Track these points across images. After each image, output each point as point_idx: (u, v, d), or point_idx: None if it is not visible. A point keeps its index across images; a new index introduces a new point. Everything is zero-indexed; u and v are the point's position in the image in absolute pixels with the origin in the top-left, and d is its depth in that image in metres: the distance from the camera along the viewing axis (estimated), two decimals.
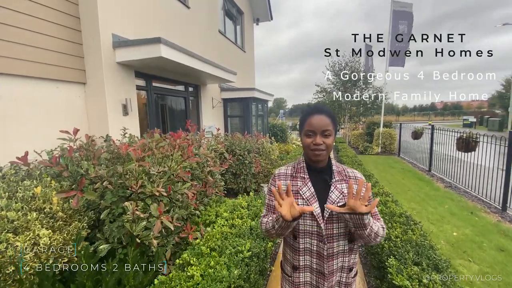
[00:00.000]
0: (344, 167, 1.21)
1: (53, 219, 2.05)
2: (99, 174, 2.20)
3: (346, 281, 1.17)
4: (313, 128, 1.09)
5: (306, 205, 1.09)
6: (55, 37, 3.08)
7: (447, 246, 3.38)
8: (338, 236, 1.10)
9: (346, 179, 1.15)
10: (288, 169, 1.22)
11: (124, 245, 2.07)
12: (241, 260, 1.81)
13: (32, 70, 2.86)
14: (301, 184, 1.14)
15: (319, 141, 1.07)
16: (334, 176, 1.15)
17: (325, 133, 1.08)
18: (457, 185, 6.05)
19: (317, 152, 1.09)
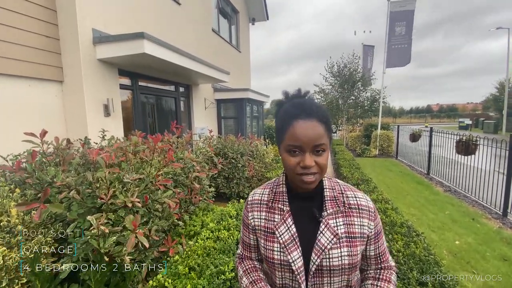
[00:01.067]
0: (342, 186, 0.85)
1: (10, 233, 1.81)
2: (66, 182, 1.95)
3: None
4: (299, 142, 0.72)
5: (280, 253, 0.79)
6: (28, 30, 2.84)
7: (450, 256, 3.18)
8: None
9: (344, 209, 0.80)
10: (264, 193, 0.89)
11: (92, 262, 1.82)
12: (223, 282, 1.58)
13: (3, 67, 2.61)
14: (278, 219, 0.82)
15: (309, 162, 0.71)
16: (326, 206, 0.80)
17: (317, 149, 0.73)
18: (457, 189, 5.88)
19: (307, 179, 0.73)
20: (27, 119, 2.84)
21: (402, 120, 53.11)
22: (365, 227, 0.80)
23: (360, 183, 4.41)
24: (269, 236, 0.82)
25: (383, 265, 0.86)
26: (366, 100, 13.69)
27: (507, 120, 21.96)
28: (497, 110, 27.69)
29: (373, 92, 13.63)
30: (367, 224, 0.80)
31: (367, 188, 4.13)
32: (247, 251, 0.94)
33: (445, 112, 70.54)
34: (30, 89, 2.85)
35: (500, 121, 22.38)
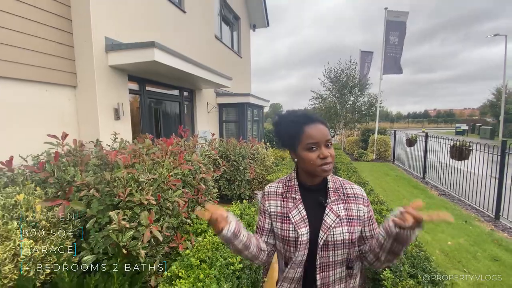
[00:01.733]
0: (341, 181, 1.08)
1: (35, 228, 1.96)
2: (86, 181, 2.11)
3: None
4: (316, 139, 0.93)
5: (294, 231, 0.98)
6: (45, 39, 3.01)
7: (442, 255, 3.34)
8: (334, 265, 0.99)
9: (344, 198, 1.02)
10: (279, 186, 1.10)
11: (110, 256, 1.98)
12: (232, 272, 1.74)
13: (20, 72, 2.79)
14: (292, 206, 1.02)
15: (327, 153, 0.94)
16: (330, 195, 1.01)
17: (327, 143, 0.96)
18: (451, 193, 6.06)
19: (326, 167, 0.94)
20: (43, 122, 3.00)
21: (400, 125, 53.49)
22: (361, 211, 1.02)
23: None
24: (284, 220, 1.02)
25: None
26: (364, 105, 13.94)
27: (504, 126, 22.33)
28: (494, 116, 28.07)
29: (370, 97, 13.89)
30: (362, 208, 1.02)
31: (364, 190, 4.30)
32: (259, 234, 1.12)
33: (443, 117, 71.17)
34: (47, 93, 3.02)
35: (496, 127, 22.72)
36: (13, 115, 2.76)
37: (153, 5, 4.36)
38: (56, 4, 3.11)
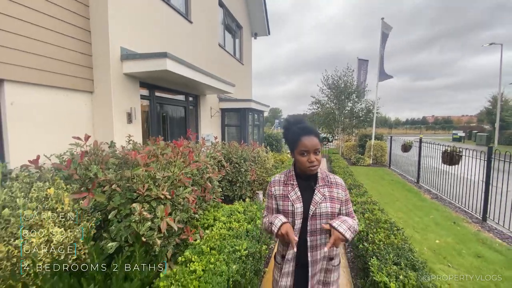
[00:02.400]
0: (327, 173, 1.48)
1: (64, 218, 2.21)
2: (108, 178, 2.38)
3: (327, 268, 1.44)
4: (307, 148, 1.31)
5: (292, 206, 1.37)
6: (67, 48, 3.30)
7: (429, 252, 3.60)
8: (320, 231, 1.36)
9: (328, 184, 1.42)
10: (282, 176, 1.48)
11: (130, 243, 2.23)
12: (239, 257, 2.00)
13: (44, 79, 3.06)
14: (290, 189, 1.41)
15: (313, 158, 1.32)
16: (318, 182, 1.40)
17: (316, 151, 1.32)
18: (443, 196, 6.34)
19: (313, 168, 1.33)
20: (62, 124, 3.27)
21: (398, 131, 53.92)
22: (340, 194, 1.42)
23: (352, 188, 4.86)
24: (285, 199, 1.41)
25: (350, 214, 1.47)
26: (361, 111, 14.28)
27: (500, 133, 22.71)
28: (491, 123, 28.50)
29: (367, 104, 14.23)
30: (341, 192, 1.43)
31: (358, 192, 4.57)
32: (270, 213, 1.49)
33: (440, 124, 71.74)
34: (67, 98, 3.30)
35: (493, 134, 23.09)
36: (37, 117, 3.02)
37: (162, 16, 4.67)
38: (78, 17, 3.41)
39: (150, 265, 2.18)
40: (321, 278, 1.45)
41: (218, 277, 1.73)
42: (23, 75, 2.86)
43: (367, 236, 2.75)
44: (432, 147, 7.30)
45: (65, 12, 3.26)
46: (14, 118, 2.81)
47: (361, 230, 2.92)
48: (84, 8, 3.50)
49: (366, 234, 2.80)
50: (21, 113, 2.87)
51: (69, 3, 3.29)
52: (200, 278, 1.74)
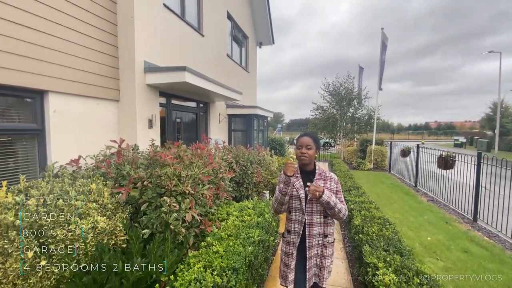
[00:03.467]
0: (324, 170, 1.96)
1: (105, 209, 2.63)
2: (141, 175, 2.80)
3: (323, 243, 1.89)
4: (301, 143, 1.87)
5: (296, 192, 1.87)
6: (99, 62, 3.75)
7: (420, 247, 3.96)
8: (315, 212, 1.85)
9: (324, 178, 1.91)
10: None
11: (160, 231, 2.64)
12: (252, 242, 2.40)
13: (80, 90, 3.51)
14: (295, 179, 1.88)
15: (304, 151, 1.85)
16: (316, 176, 1.91)
17: (308, 147, 1.84)
18: (438, 199, 6.68)
19: (302, 157, 1.86)
20: (93, 129, 3.71)
21: (400, 136, 54.06)
22: (333, 185, 1.90)
23: (351, 189, 5.24)
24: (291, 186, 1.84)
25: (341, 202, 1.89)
26: (363, 116, 14.67)
27: (500, 139, 22.95)
28: (491, 129, 28.72)
29: (368, 110, 14.63)
30: (333, 184, 1.90)
31: (356, 193, 4.95)
32: None
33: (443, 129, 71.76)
34: (98, 106, 3.74)
35: (493, 140, 23.33)
36: (73, 123, 3.46)
37: (179, 32, 5.14)
38: (108, 35, 3.87)
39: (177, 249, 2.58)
40: (318, 252, 1.89)
41: (237, 256, 2.13)
42: (63, 87, 3.31)
43: (362, 229, 3.13)
44: (429, 152, 7.66)
45: (98, 32, 3.73)
46: (55, 124, 3.26)
47: (357, 224, 3.30)
48: (113, 27, 3.98)
49: (362, 228, 3.17)
50: (61, 120, 3.31)
51: (102, 24, 3.77)
52: (222, 257, 2.13)
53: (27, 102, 3.12)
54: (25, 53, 2.90)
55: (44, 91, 3.14)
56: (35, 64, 3.00)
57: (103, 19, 3.81)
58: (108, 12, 3.89)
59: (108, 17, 3.88)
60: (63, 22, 3.29)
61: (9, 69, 2.76)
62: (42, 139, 3.20)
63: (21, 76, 2.88)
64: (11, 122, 3.03)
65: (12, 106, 3.04)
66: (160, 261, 2.13)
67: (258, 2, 10.32)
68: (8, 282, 1.97)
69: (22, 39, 2.86)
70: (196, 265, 2.04)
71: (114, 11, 3.98)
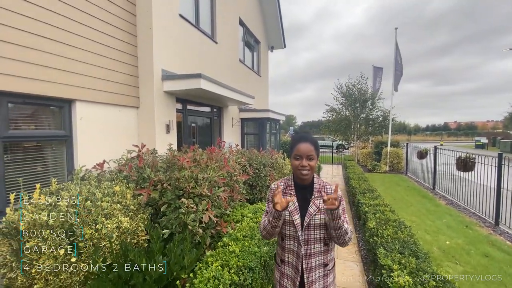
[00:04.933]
0: (324, 183, 1.50)
1: (128, 210, 2.79)
2: (160, 178, 2.95)
3: (323, 274, 1.49)
4: (300, 153, 1.42)
5: (290, 217, 1.45)
6: (120, 72, 3.98)
7: (439, 252, 3.89)
8: (314, 241, 1.43)
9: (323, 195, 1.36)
10: (282, 185, 1.55)
11: (179, 231, 2.77)
12: (267, 243, 2.47)
13: (104, 98, 3.74)
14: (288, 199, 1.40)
15: (305, 163, 1.40)
16: (314, 193, 1.47)
17: (309, 157, 1.41)
18: (458, 202, 6.48)
19: (303, 172, 1.42)
20: (116, 134, 3.92)
21: (417, 138, 52.38)
22: None
23: (366, 192, 5.20)
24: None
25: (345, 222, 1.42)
26: (377, 118, 14.39)
27: None
28: None
29: (383, 111, 14.34)
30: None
31: (371, 196, 4.91)
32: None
33: (463, 130, 68.94)
34: (120, 113, 3.96)
35: None
36: (98, 129, 3.69)
37: (194, 40, 5.35)
38: (129, 46, 4.11)
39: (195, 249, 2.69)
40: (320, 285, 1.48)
41: (253, 255, 2.21)
42: (89, 96, 3.54)
43: (377, 232, 3.13)
44: (448, 153, 7.45)
45: (120, 43, 3.96)
46: (81, 130, 3.49)
47: (371, 227, 3.30)
48: (133, 38, 4.21)
49: (376, 230, 3.17)
50: (87, 127, 3.54)
51: (123, 35, 4.00)
52: (238, 256, 2.22)
53: (57, 110, 3.37)
54: (56, 66, 3.14)
55: (72, 100, 3.38)
56: (65, 75, 3.24)
57: (124, 31, 4.04)
58: (129, 24, 4.13)
59: (128, 29, 4.11)
60: (90, 35, 3.54)
61: (42, 80, 3.01)
62: (69, 145, 3.43)
63: (53, 87, 3.12)
64: (43, 129, 3.27)
65: (43, 114, 3.29)
66: (180, 259, 2.24)
67: (270, 7, 10.47)
68: (41, 278, 2.13)
69: (53, 53, 3.11)
70: (214, 263, 2.14)
71: (134, 23, 4.22)
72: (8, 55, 2.70)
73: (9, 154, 3.01)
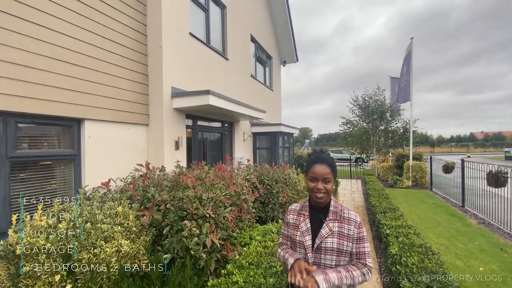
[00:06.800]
0: (342, 207, 1.45)
1: (129, 232, 2.67)
2: (163, 198, 2.84)
3: None
4: (316, 175, 1.38)
5: (301, 237, 1.43)
6: (130, 90, 4.03)
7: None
8: (324, 266, 1.35)
9: (340, 219, 1.40)
10: (298, 206, 1.57)
11: (181, 256, 2.60)
12: (275, 273, 2.25)
13: (114, 116, 3.77)
14: (302, 220, 1.47)
15: (321, 186, 1.37)
16: (329, 215, 1.41)
17: (325, 180, 1.37)
18: (491, 221, 5.86)
19: (319, 195, 1.38)
20: (125, 152, 3.92)
21: (441, 150, 49.79)
22: (351, 231, 1.37)
23: (387, 211, 4.81)
24: (296, 228, 1.47)
25: (361, 261, 1.37)
26: (398, 130, 13.79)
27: None
28: None
29: (403, 123, 13.75)
30: (353, 229, 1.38)
31: (393, 215, 4.52)
32: (284, 240, 1.59)
33: (491, 140, 64.87)
34: (129, 131, 3.97)
35: None
36: (107, 148, 3.69)
37: (204, 57, 5.40)
38: (139, 64, 4.18)
39: (197, 277, 2.51)
40: None
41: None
42: (98, 114, 3.58)
43: (400, 260, 2.80)
44: (476, 167, 6.87)
45: (129, 62, 4.04)
46: (90, 148, 3.50)
47: (394, 253, 2.97)
48: (144, 57, 4.28)
49: (400, 258, 2.84)
50: (95, 145, 3.55)
51: (133, 55, 4.08)
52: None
53: (66, 129, 3.41)
54: (65, 86, 3.21)
55: (81, 119, 3.41)
56: (74, 95, 3.30)
57: (135, 51, 4.12)
58: (139, 44, 4.22)
59: (138, 48, 4.20)
60: (100, 56, 3.63)
61: (50, 100, 3.06)
62: (78, 163, 3.43)
63: (62, 107, 3.17)
64: (52, 148, 3.31)
65: (52, 134, 3.34)
66: None
67: (281, 22, 10.56)
68: None
69: (63, 73, 3.18)
70: None
71: (145, 42, 4.30)
72: (16, 76, 2.77)
73: (17, 174, 3.04)
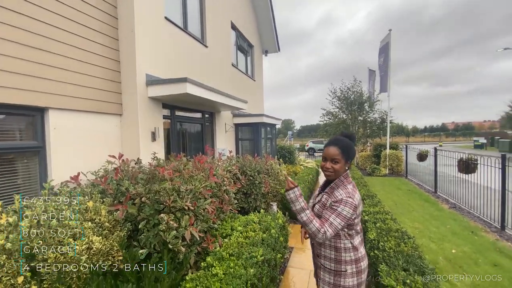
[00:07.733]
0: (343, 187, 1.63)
1: (101, 228, 2.51)
2: (138, 191, 2.68)
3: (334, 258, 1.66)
4: (326, 155, 1.65)
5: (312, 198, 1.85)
6: (100, 77, 3.75)
7: (444, 262, 3.62)
8: None
9: (330, 195, 1.65)
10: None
11: (158, 251, 2.49)
12: (255, 263, 2.20)
13: (82, 105, 3.49)
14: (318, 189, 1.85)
15: (328, 166, 1.63)
16: (326, 189, 1.71)
17: (334, 161, 1.61)
18: (461, 206, 6.22)
19: (326, 173, 1.66)
20: (96, 144, 3.66)
21: (416, 139, 52.30)
22: (328, 202, 1.62)
23: (365, 198, 4.93)
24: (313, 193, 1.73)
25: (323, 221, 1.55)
26: (375, 120, 14.23)
27: None
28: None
29: (381, 113, 14.19)
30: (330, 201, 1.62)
31: (371, 202, 4.64)
32: None
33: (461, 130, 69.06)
34: (100, 121, 3.71)
35: None
36: (75, 139, 3.43)
37: (181, 44, 5.14)
38: (110, 49, 3.88)
39: (175, 271, 2.42)
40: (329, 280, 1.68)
41: (237, 279, 1.94)
42: (64, 103, 3.29)
43: (378, 244, 2.87)
44: (448, 155, 7.22)
45: (99, 47, 3.74)
46: (56, 140, 3.23)
47: (372, 238, 3.04)
48: (115, 41, 3.98)
49: (377, 242, 2.91)
50: (62, 136, 3.28)
51: (103, 39, 3.78)
52: (221, 280, 1.95)
53: (27, 119, 3.11)
54: (23, 71, 2.90)
55: (44, 108, 3.13)
56: (34, 81, 2.99)
57: (104, 34, 3.82)
58: (109, 27, 3.91)
59: (109, 32, 3.89)
60: (65, 39, 3.31)
61: (7, 87, 2.76)
62: (43, 156, 3.17)
63: (20, 94, 2.87)
64: (12, 140, 3.01)
65: (12, 124, 3.03)
66: (155, 286, 1.97)
67: (263, 11, 10.34)
68: None
69: (20, 57, 2.87)
70: None
71: (115, 26, 4.00)
72: None
73: None
